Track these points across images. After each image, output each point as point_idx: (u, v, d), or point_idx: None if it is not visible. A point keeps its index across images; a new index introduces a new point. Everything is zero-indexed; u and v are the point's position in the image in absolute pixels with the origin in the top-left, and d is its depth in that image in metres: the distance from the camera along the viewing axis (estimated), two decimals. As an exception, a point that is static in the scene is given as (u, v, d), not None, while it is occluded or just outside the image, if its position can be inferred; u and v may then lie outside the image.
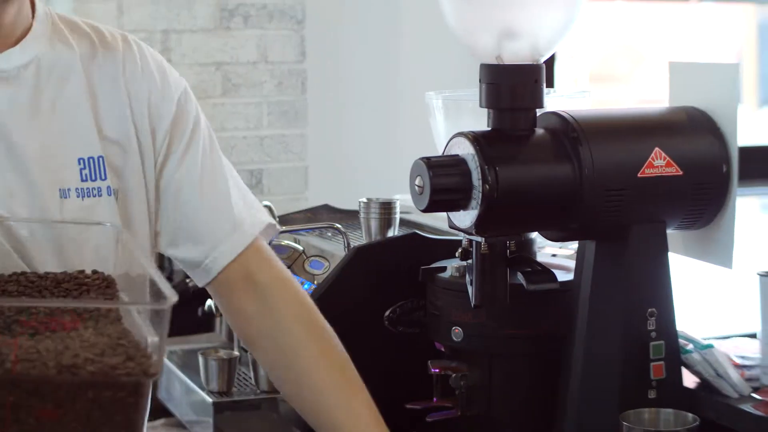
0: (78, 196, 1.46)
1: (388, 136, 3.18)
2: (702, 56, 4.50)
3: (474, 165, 1.54)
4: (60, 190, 1.45)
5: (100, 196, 1.47)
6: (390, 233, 2.04)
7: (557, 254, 1.99)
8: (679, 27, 4.48)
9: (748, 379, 1.69)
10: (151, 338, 1.18)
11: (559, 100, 1.90)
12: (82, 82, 1.48)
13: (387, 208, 2.04)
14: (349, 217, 2.27)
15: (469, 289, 1.63)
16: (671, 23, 4.46)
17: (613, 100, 4.90)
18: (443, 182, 1.54)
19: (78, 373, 1.11)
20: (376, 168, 2.80)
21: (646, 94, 4.87)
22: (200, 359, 1.99)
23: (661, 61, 4.60)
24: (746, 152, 1.71)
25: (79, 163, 1.47)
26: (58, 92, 1.47)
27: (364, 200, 2.05)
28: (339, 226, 2.05)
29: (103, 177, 1.48)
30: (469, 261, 1.62)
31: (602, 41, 4.59)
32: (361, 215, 2.06)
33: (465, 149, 1.56)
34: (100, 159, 1.48)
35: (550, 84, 3.38)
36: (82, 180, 1.46)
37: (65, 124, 1.46)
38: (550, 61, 3.40)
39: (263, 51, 3.10)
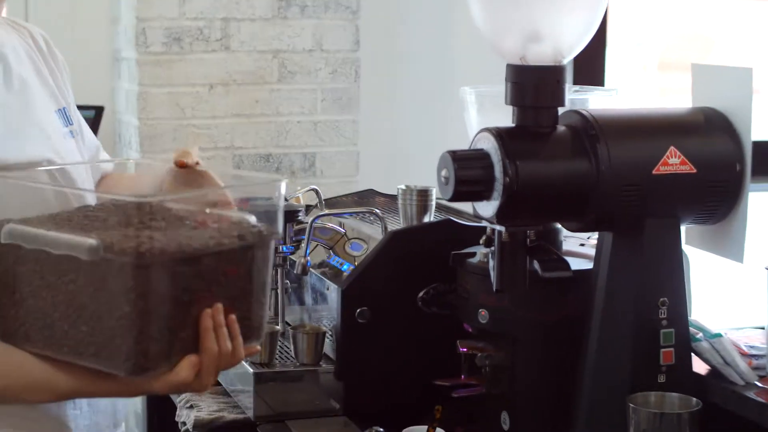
0: (70, 138, 1.79)
1: (435, 125, 3.24)
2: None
3: (497, 159, 1.62)
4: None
5: (74, 137, 1.80)
6: (426, 219, 2.12)
7: (585, 243, 2.06)
8: (751, 14, 4.45)
9: (756, 368, 1.77)
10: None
11: (594, 96, 1.98)
12: (30, 52, 1.78)
13: (424, 195, 2.11)
14: (394, 200, 2.31)
15: (492, 274, 1.72)
16: (743, 11, 4.43)
17: (681, 88, 4.88)
18: (467, 174, 1.63)
19: (245, 238, 1.53)
20: (423, 155, 2.86)
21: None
22: (245, 332, 2.09)
23: (732, 48, 4.60)
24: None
25: (56, 114, 1.79)
26: (22, 63, 1.75)
27: (403, 187, 2.13)
28: (378, 210, 2.13)
29: (71, 123, 1.80)
30: (492, 248, 1.71)
31: (672, 28, 4.58)
32: (399, 201, 2.13)
33: (489, 144, 1.64)
34: (64, 108, 1.79)
35: (600, 80, 3.44)
36: (64, 126, 1.78)
37: (38, 85, 1.76)
38: (601, 58, 3.45)
39: (318, 40, 3.17)
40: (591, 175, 1.66)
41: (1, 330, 1.56)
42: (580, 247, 2.01)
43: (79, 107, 2.17)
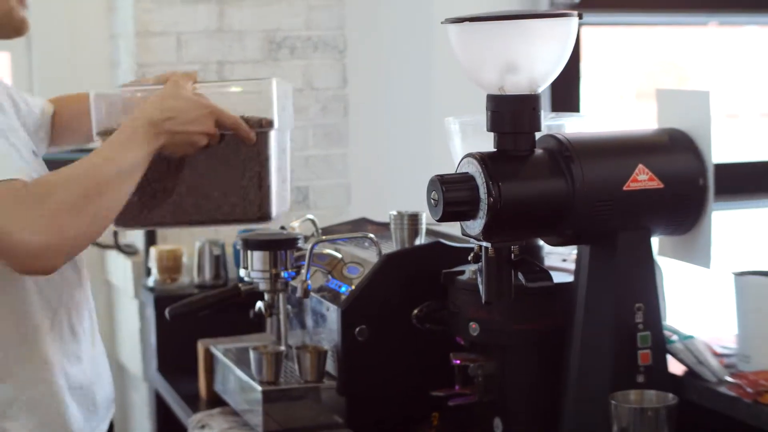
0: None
1: (421, 156, 3.34)
2: (744, 73, 4.60)
3: (481, 181, 1.74)
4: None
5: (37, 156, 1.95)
6: (418, 241, 2.25)
7: (567, 259, 2.19)
8: (723, 44, 4.57)
9: (727, 366, 1.91)
10: None
11: (570, 121, 2.12)
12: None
13: (414, 219, 2.24)
14: (385, 228, 2.44)
15: (480, 288, 1.85)
16: (715, 41, 4.56)
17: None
18: (454, 196, 1.75)
19: None
20: (411, 184, 2.93)
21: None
22: (251, 353, 2.18)
23: (705, 77, 4.74)
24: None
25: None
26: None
27: (395, 213, 2.26)
28: (372, 236, 2.25)
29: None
30: (480, 264, 1.84)
31: (647, 58, 4.69)
32: (392, 226, 2.26)
33: (474, 168, 1.76)
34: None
35: (576, 107, 3.58)
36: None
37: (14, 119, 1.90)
38: (575, 87, 3.59)
39: (308, 78, 3.26)
40: (567, 193, 1.79)
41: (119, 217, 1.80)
42: (562, 263, 2.14)
43: (81, 150, 2.31)
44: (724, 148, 4.71)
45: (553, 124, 2.07)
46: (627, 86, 4.60)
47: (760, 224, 4.17)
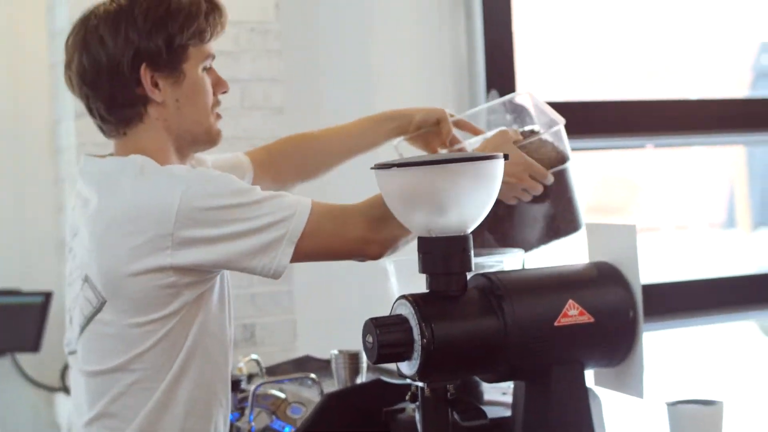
0: None
1: (364, 293, 3.36)
2: (695, 186, 4.70)
3: (414, 323, 1.77)
4: None
5: None
6: (359, 379, 2.28)
7: (507, 392, 2.22)
8: (674, 157, 4.68)
9: (666, 498, 1.93)
10: None
11: (507, 257, 2.15)
12: None
13: (354, 358, 2.28)
14: (329, 365, 2.46)
15: (419, 427, 1.87)
16: (664, 155, 4.66)
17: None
18: (388, 339, 1.77)
19: None
20: (356, 320, 2.96)
21: (642, 224, 5.04)
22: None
23: (656, 190, 4.84)
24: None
25: None
26: None
27: (335, 352, 2.30)
28: (313, 375, 2.28)
29: None
30: (417, 403, 1.87)
31: (598, 173, 4.77)
32: (333, 365, 2.30)
33: (407, 309, 1.79)
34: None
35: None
36: None
37: None
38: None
39: None
40: (500, 332, 1.82)
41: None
42: (502, 396, 2.17)
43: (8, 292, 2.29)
44: (672, 260, 4.80)
45: (490, 262, 2.11)
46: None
47: (702, 343, 4.24)
